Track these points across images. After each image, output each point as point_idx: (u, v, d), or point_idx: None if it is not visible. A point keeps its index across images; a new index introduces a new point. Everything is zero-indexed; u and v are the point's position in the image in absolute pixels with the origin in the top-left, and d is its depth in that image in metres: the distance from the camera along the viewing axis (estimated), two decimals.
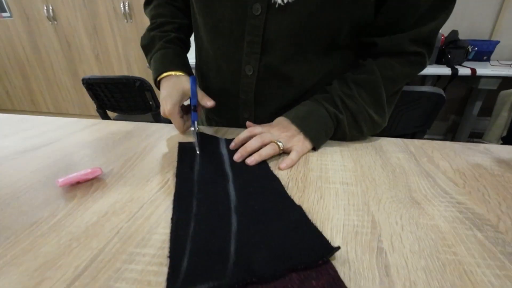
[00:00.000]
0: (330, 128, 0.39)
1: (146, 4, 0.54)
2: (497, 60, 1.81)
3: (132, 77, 1.35)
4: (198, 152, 0.36)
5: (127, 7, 2.29)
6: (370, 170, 0.33)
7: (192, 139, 0.41)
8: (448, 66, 1.62)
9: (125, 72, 2.58)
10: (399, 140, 0.42)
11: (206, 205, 0.25)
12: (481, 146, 0.40)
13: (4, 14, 2.58)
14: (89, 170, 0.31)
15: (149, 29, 0.49)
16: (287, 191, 0.28)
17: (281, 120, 0.40)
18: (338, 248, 0.20)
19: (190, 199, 0.26)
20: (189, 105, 0.44)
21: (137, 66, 2.54)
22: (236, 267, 0.19)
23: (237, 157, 0.34)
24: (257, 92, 0.43)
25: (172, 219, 0.24)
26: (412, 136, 1.28)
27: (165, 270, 0.19)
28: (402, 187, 0.29)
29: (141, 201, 0.27)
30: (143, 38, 0.50)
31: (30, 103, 3.03)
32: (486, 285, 0.18)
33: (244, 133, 0.37)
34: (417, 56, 0.38)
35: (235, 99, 0.46)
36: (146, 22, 2.24)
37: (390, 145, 0.40)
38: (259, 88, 0.43)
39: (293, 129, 0.37)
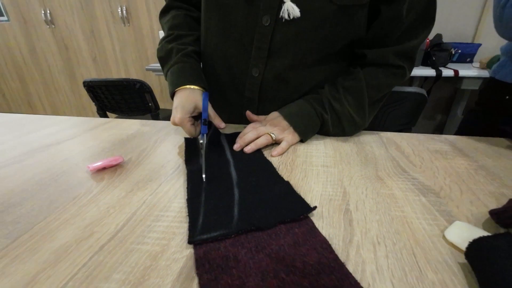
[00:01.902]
0: (317, 125, 0.45)
1: (163, 13, 0.55)
2: (480, 62, 1.91)
3: (133, 80, 1.41)
4: (203, 172, 0.33)
5: (124, 11, 2.34)
6: (347, 156, 0.40)
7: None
8: (433, 67, 1.71)
9: (122, 74, 2.63)
10: (375, 132, 0.49)
11: (213, 181, 0.32)
12: (442, 137, 0.47)
13: (1, 18, 2.61)
14: (113, 158, 0.38)
15: (167, 41, 0.51)
16: (278, 172, 0.35)
17: (275, 115, 0.46)
18: (315, 207, 0.27)
19: (200, 177, 0.32)
20: (198, 116, 0.46)
21: (134, 68, 2.58)
22: (239, 221, 0.25)
23: (236, 146, 0.40)
24: (261, 92, 0.48)
25: (187, 190, 0.30)
26: (400, 131, 1.36)
27: (184, 225, 0.26)
28: (371, 168, 0.36)
29: (159, 181, 0.34)
30: (160, 50, 0.51)
31: (27, 106, 3.05)
32: (420, 230, 0.25)
33: (242, 133, 0.43)
34: (399, 69, 0.44)
35: (240, 96, 0.51)
36: (143, 25, 2.28)
37: (367, 137, 0.47)
38: (263, 88, 0.48)
39: (284, 123, 0.44)
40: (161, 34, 1.99)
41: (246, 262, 0.21)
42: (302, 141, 0.44)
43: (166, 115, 1.75)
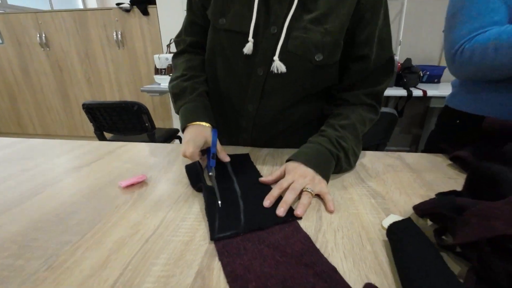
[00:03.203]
0: (334, 165, 0.48)
1: (178, 55, 0.63)
2: (447, 82, 2.14)
3: (131, 102, 1.51)
4: (217, 210, 0.38)
5: (119, 36, 2.46)
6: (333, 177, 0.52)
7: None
8: (404, 88, 1.91)
9: (116, 95, 2.71)
10: None
11: (223, 195, 0.42)
12: (396, 154, 0.60)
13: None
14: (139, 176, 0.48)
15: (182, 80, 0.58)
16: (271, 187, 0.46)
17: (295, 165, 0.45)
18: (299, 217, 0.37)
19: (213, 192, 0.42)
20: (205, 149, 0.52)
21: (128, 89, 2.68)
22: (246, 224, 0.35)
23: (279, 211, 0.37)
24: (255, 123, 0.60)
25: (205, 201, 0.40)
26: (376, 147, 1.51)
27: (203, 224, 0.36)
28: (339, 180, 0.48)
29: (178, 194, 0.44)
30: (175, 86, 0.58)
31: (17, 125, 3.05)
32: (367, 221, 0.36)
33: (275, 190, 0.41)
34: (372, 107, 0.57)
35: (237, 125, 0.62)
36: (137, 49, 2.41)
37: None
38: (256, 120, 0.59)
39: (310, 171, 0.44)
40: (157, 60, 2.09)
41: (252, 250, 0.31)
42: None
43: (160, 134, 1.84)
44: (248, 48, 0.50)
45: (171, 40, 2.22)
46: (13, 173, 0.52)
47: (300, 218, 0.37)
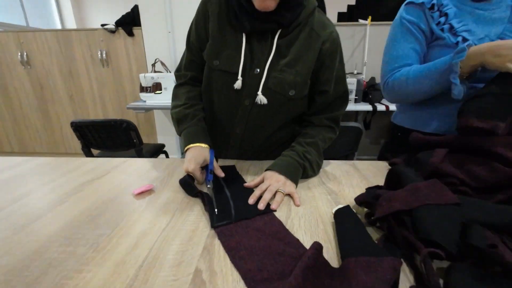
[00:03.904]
0: (301, 172, 0.62)
1: (180, 86, 0.74)
2: None
3: (120, 120, 1.60)
4: (216, 211, 0.49)
5: (104, 55, 2.54)
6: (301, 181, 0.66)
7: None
8: (370, 103, 2.15)
9: (99, 111, 2.75)
10: None
11: (217, 198, 0.55)
12: (351, 162, 0.76)
13: None
14: (147, 185, 0.59)
15: (185, 107, 0.70)
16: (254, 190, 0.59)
17: (271, 173, 0.59)
18: (274, 210, 0.51)
19: (211, 199, 0.55)
20: (203, 166, 0.62)
21: (112, 106, 2.73)
22: (236, 215, 0.48)
23: (260, 206, 0.51)
24: (242, 141, 0.74)
25: (206, 203, 0.53)
26: (346, 157, 1.69)
27: (203, 218, 0.49)
28: (305, 183, 0.62)
29: (180, 198, 0.56)
30: (178, 113, 0.70)
31: None
32: (323, 211, 0.51)
33: (258, 189, 0.55)
34: (331, 128, 0.73)
35: (227, 143, 0.75)
36: (122, 68, 2.52)
37: None
38: (243, 139, 0.73)
39: (282, 177, 0.58)
40: (142, 79, 2.17)
41: (241, 232, 0.44)
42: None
43: (147, 149, 1.92)
44: (238, 84, 0.64)
45: (156, 60, 2.34)
46: (34, 187, 0.62)
47: (275, 210, 0.51)
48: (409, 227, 0.39)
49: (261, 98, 0.64)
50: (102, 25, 2.50)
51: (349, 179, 0.65)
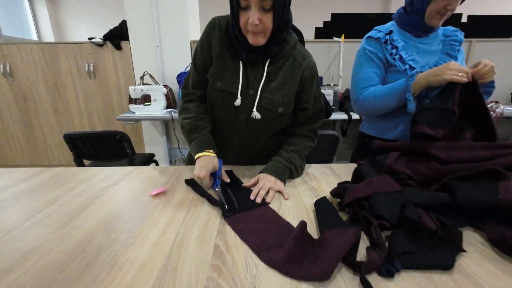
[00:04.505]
0: (287, 174, 0.77)
1: (190, 102, 0.84)
2: None
3: (114, 131, 1.67)
4: (226, 207, 0.61)
5: (91, 67, 2.59)
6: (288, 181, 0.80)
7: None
8: (346, 113, 2.37)
9: (85, 123, 2.77)
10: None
11: (224, 197, 0.68)
12: (328, 165, 0.91)
13: None
14: (162, 188, 0.71)
15: (195, 120, 0.81)
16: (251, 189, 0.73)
17: (264, 175, 0.73)
18: (269, 203, 0.65)
19: (221, 199, 0.67)
20: (212, 173, 0.72)
21: (98, 117, 2.76)
22: (239, 208, 0.62)
23: (258, 200, 0.64)
24: (238, 150, 0.87)
25: (209, 200, 0.66)
26: (325, 162, 1.87)
27: (214, 212, 0.62)
28: (291, 183, 0.77)
29: (191, 198, 0.68)
30: (190, 123, 0.81)
31: None
32: (306, 203, 0.65)
33: (256, 189, 0.68)
34: (311, 137, 0.88)
35: (226, 150, 0.88)
36: (109, 80, 2.60)
37: None
38: (239, 148, 0.87)
39: (273, 178, 0.72)
40: (132, 91, 2.24)
41: (245, 219, 0.58)
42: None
43: (139, 159, 1.99)
44: (237, 102, 0.78)
45: (144, 72, 2.43)
46: (59, 193, 0.71)
47: (269, 203, 0.65)
48: (367, 208, 0.54)
49: (255, 114, 0.79)
50: (89, 38, 2.56)
51: (326, 178, 0.80)
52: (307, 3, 6.52)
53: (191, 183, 0.75)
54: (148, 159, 2.09)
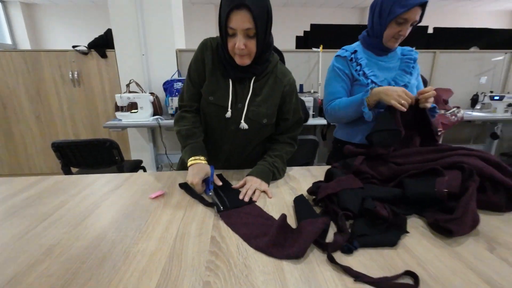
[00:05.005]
0: (271, 176, 0.87)
1: (187, 111, 0.93)
2: None
3: (103, 139, 1.72)
4: (221, 208, 0.70)
5: (75, 75, 2.60)
6: (272, 182, 0.91)
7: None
8: (325, 118, 2.53)
9: (69, 131, 2.76)
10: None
11: (217, 197, 0.78)
12: (306, 167, 1.04)
13: None
14: (160, 191, 0.80)
15: (193, 127, 0.91)
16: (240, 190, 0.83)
17: (251, 178, 0.83)
18: (255, 201, 0.76)
19: (214, 201, 0.78)
20: (206, 179, 0.80)
21: (83, 125, 2.76)
22: (230, 206, 0.72)
23: (246, 199, 0.74)
24: (228, 156, 0.98)
25: (202, 202, 0.76)
26: (307, 164, 2.01)
27: (209, 210, 0.71)
28: (275, 183, 0.88)
29: (187, 199, 0.78)
30: (188, 130, 0.90)
31: None
32: (287, 199, 0.77)
33: (244, 189, 0.78)
34: (291, 144, 1.00)
35: (217, 156, 0.98)
36: (94, 88, 2.62)
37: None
38: (229, 155, 0.98)
39: (259, 180, 0.83)
40: (118, 99, 2.28)
41: (236, 215, 0.68)
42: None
43: (127, 165, 2.03)
44: (228, 114, 0.89)
45: (130, 80, 2.48)
46: (66, 198, 0.78)
47: (256, 201, 0.76)
48: (336, 202, 0.66)
49: (243, 125, 0.90)
50: (74, 46, 2.57)
51: (304, 179, 0.92)
52: (289, 14, 6.78)
53: (185, 186, 0.84)
54: (136, 166, 2.13)
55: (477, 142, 3.24)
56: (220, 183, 0.86)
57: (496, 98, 2.73)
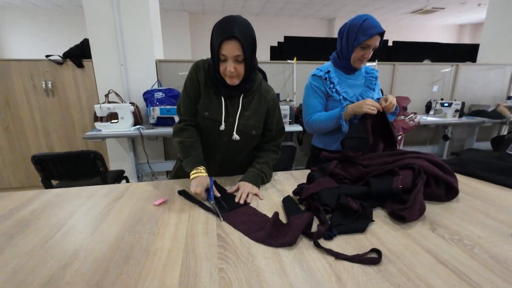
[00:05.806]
0: (260, 181, 1.00)
1: (187, 125, 1.02)
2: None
3: (87, 151, 1.73)
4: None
5: (49, 85, 2.53)
6: (261, 186, 1.04)
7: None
8: (300, 125, 2.73)
9: (42, 142, 2.66)
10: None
11: (216, 201, 0.88)
12: (290, 172, 1.18)
13: None
14: (163, 198, 0.89)
15: (195, 140, 1.01)
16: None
17: (243, 183, 0.94)
18: (249, 203, 0.88)
19: (215, 208, 0.88)
20: (206, 189, 0.90)
21: (57, 136, 2.68)
22: (228, 208, 0.83)
23: (241, 201, 0.86)
24: (220, 164, 1.09)
25: (201, 206, 0.86)
26: (285, 169, 2.17)
27: (210, 213, 0.82)
28: (264, 187, 1.01)
29: (189, 205, 0.88)
30: (191, 142, 0.99)
31: None
32: (276, 200, 0.90)
33: (238, 193, 0.89)
34: (276, 151, 1.14)
35: (211, 165, 1.07)
36: (69, 98, 2.60)
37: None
38: (222, 163, 1.09)
39: (250, 185, 0.94)
40: (98, 109, 2.28)
41: (234, 215, 0.79)
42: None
43: (111, 176, 2.03)
44: (222, 127, 1.00)
45: (109, 90, 2.47)
46: (72, 209, 0.84)
47: (250, 203, 0.88)
48: (316, 200, 0.81)
49: (235, 136, 1.02)
50: (47, 56, 2.51)
51: (288, 182, 1.07)
52: (263, 24, 7.04)
53: (183, 193, 0.94)
54: (119, 176, 2.14)
55: (432, 143, 3.65)
56: (218, 195, 0.95)
57: (446, 104, 3.13)
